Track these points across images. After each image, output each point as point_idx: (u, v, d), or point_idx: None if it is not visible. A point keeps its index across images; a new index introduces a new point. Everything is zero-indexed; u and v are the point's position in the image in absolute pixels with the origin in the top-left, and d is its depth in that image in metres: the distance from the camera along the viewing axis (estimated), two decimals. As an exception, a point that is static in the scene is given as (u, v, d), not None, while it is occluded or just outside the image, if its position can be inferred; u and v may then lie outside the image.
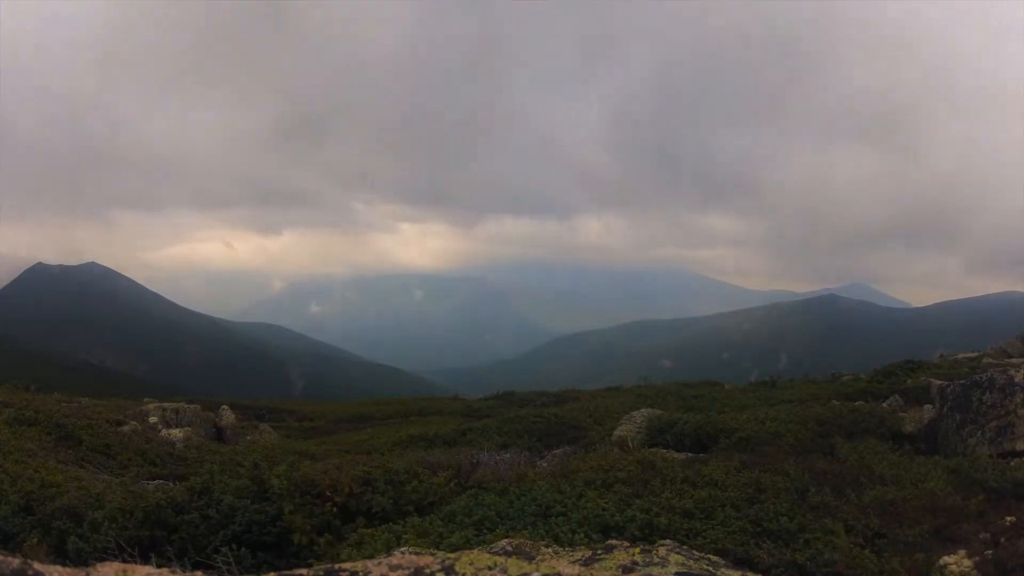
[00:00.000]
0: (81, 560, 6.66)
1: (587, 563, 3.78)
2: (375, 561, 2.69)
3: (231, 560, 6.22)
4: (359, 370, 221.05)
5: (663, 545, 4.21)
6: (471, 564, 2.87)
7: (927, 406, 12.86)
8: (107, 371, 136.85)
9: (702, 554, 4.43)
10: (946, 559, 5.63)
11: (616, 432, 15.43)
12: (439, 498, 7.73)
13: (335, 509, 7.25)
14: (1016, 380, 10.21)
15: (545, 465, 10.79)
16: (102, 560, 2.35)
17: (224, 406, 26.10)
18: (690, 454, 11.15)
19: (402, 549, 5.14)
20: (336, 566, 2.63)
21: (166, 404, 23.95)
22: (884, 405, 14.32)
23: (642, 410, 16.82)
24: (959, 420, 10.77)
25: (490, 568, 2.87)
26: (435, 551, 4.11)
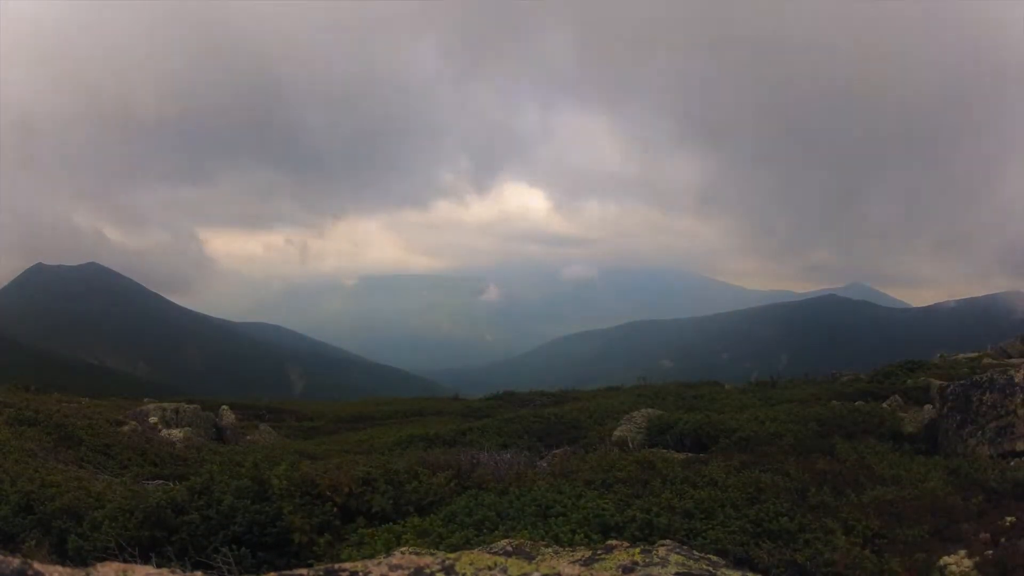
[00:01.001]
0: (81, 560, 6.66)
1: (587, 563, 3.78)
2: (375, 561, 2.70)
3: (231, 560, 6.22)
4: (359, 370, 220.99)
5: (663, 545, 4.21)
6: (471, 564, 2.87)
7: (927, 406, 12.87)
8: (107, 371, 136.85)
9: (702, 554, 4.43)
10: (946, 559, 5.63)
11: (616, 432, 15.43)
12: (439, 498, 7.73)
13: (335, 509, 7.25)
14: (1016, 380, 10.22)
15: (545, 465, 10.79)
16: (102, 560, 2.35)
17: (224, 406, 26.11)
18: (690, 454, 11.16)
19: (402, 549, 5.14)
20: (336, 566, 2.64)
21: (166, 404, 23.96)
22: (884, 405, 14.33)
23: (642, 410, 16.82)
24: (959, 420, 10.78)
25: (490, 568, 2.87)
26: (435, 551, 4.11)
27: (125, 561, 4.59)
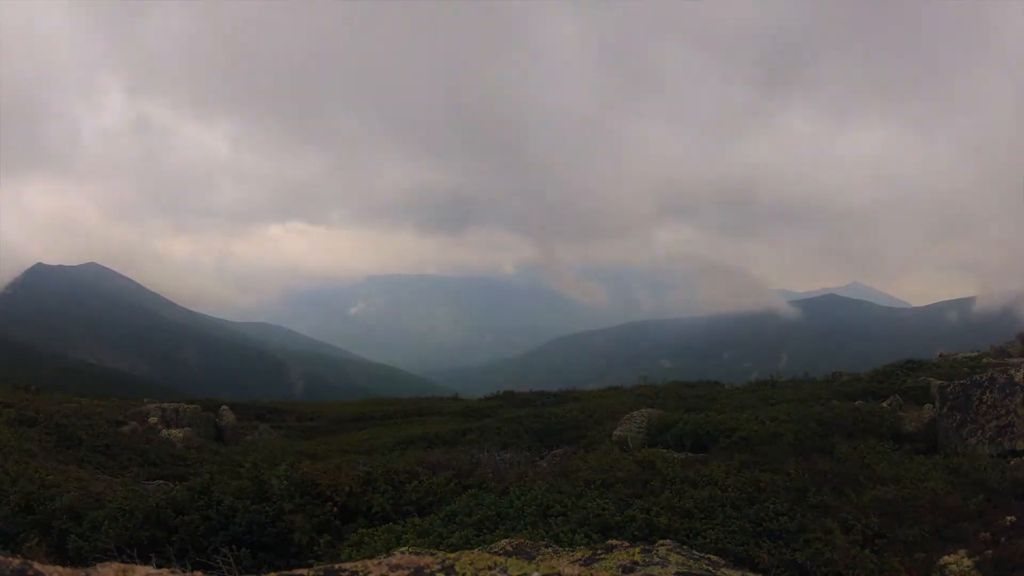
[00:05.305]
0: (81, 560, 6.67)
1: (587, 563, 3.78)
2: (375, 561, 2.69)
3: (231, 560, 6.22)
4: (359, 370, 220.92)
5: (663, 545, 4.21)
6: (471, 564, 2.87)
7: (927, 406, 12.87)
8: (107, 371, 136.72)
9: (702, 554, 4.43)
10: (946, 559, 5.63)
11: (616, 432, 15.43)
12: (439, 498, 7.73)
13: (335, 509, 7.26)
14: (1016, 380, 10.22)
15: (545, 465, 10.79)
16: (102, 560, 2.35)
17: (224, 406, 26.12)
18: (690, 454, 11.15)
19: (402, 549, 5.15)
20: (336, 566, 2.64)
21: (166, 404, 23.96)
22: (884, 405, 14.31)
23: (642, 410, 16.82)
24: (959, 420, 10.78)
25: (490, 568, 2.87)
26: (435, 551, 4.11)
27: (125, 561, 4.59)
